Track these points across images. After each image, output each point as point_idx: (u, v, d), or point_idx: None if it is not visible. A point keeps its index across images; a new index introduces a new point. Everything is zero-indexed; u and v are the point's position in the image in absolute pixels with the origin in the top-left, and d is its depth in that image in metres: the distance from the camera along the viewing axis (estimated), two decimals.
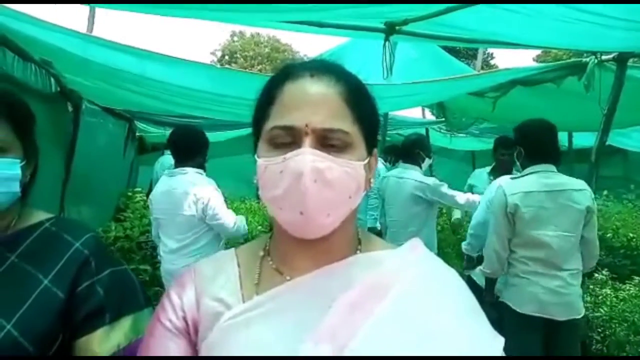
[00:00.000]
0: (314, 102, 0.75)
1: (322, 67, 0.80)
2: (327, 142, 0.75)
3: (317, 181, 0.73)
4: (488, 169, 4.52)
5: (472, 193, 4.29)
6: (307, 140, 0.74)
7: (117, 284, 1.05)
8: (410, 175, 3.88)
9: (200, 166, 3.16)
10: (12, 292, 0.97)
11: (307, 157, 0.73)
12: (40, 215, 1.10)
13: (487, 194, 3.52)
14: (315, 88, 0.77)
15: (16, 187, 1.00)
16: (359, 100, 0.79)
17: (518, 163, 3.02)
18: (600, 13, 2.18)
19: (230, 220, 3.04)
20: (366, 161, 0.80)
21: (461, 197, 3.84)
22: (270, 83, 0.82)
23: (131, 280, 1.11)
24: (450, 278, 0.85)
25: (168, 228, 3.09)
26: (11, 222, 1.05)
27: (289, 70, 0.81)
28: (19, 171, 1.00)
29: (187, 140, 3.17)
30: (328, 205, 0.75)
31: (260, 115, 0.81)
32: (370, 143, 0.82)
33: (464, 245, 3.59)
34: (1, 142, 0.98)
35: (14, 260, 1.00)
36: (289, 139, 0.75)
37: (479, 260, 3.55)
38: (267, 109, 0.79)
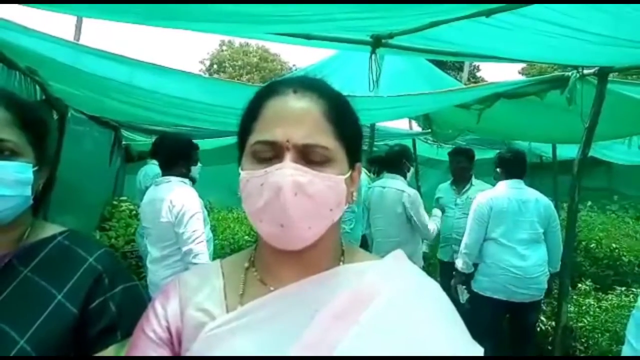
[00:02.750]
0: (295, 118, 0.77)
1: (305, 84, 0.82)
2: (308, 156, 0.77)
3: (298, 194, 0.74)
4: (449, 181, 4.66)
5: (440, 205, 4.40)
6: (288, 155, 0.76)
7: (130, 301, 1.04)
8: (394, 185, 3.92)
9: (185, 175, 3.15)
10: (26, 306, 0.95)
11: (287, 171, 0.75)
12: (53, 229, 1.08)
13: (473, 213, 3.60)
14: (298, 104, 0.79)
15: (28, 191, 0.99)
16: (340, 116, 0.81)
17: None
18: (582, 29, 2.22)
19: (189, 235, 2.85)
20: (347, 175, 0.82)
21: (431, 224, 3.89)
22: (254, 99, 0.84)
23: (142, 296, 1.11)
24: (431, 289, 0.86)
25: (152, 237, 3.09)
26: (24, 235, 1.04)
27: (272, 87, 0.83)
28: (31, 175, 0.99)
29: (168, 150, 3.17)
30: (308, 218, 0.76)
31: (244, 130, 0.83)
32: (353, 157, 0.84)
33: (459, 263, 3.65)
34: (14, 145, 0.97)
35: (27, 274, 0.99)
36: (271, 154, 0.77)
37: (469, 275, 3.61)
38: (251, 123, 0.81)
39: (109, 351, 0.99)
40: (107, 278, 1.02)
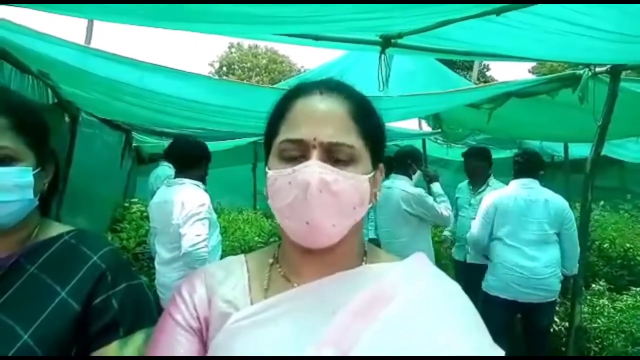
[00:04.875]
0: (322, 118, 0.80)
1: (331, 86, 0.84)
2: (333, 155, 0.79)
3: (323, 192, 0.76)
4: (467, 181, 4.64)
5: (457, 205, 4.38)
6: (315, 153, 0.78)
7: (132, 299, 1.06)
8: (398, 185, 3.90)
9: (199, 178, 3.16)
10: (31, 302, 0.98)
11: (314, 169, 0.76)
12: (60, 228, 1.11)
13: (480, 211, 3.63)
14: (324, 105, 0.81)
15: (30, 195, 1.01)
16: (365, 117, 0.83)
17: None
18: (594, 26, 2.20)
19: (191, 238, 2.85)
20: (371, 175, 0.83)
21: (443, 210, 3.87)
22: (282, 100, 0.86)
23: (146, 295, 1.12)
24: (453, 291, 0.87)
25: (162, 237, 3.10)
26: (31, 234, 1.06)
27: (299, 88, 0.85)
28: (31, 178, 1.00)
29: (185, 152, 3.19)
30: (333, 216, 0.78)
31: (271, 131, 0.85)
32: (376, 157, 0.86)
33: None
34: (11, 151, 0.98)
35: (34, 271, 1.01)
36: (298, 152, 0.79)
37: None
38: (278, 124, 0.83)
39: (112, 347, 1.00)
40: (110, 275, 1.04)
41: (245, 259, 0.93)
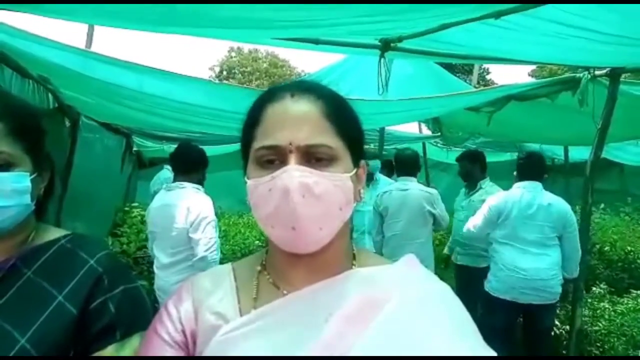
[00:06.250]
0: (296, 121, 0.78)
1: (302, 87, 0.83)
2: (312, 157, 0.77)
3: (305, 196, 0.75)
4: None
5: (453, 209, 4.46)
6: (293, 158, 0.76)
7: (129, 302, 1.06)
8: (415, 186, 3.93)
9: (198, 182, 3.18)
10: (28, 306, 0.98)
11: (293, 173, 0.75)
12: (56, 232, 1.11)
13: (482, 210, 3.64)
14: (296, 107, 0.79)
15: (27, 199, 1.01)
16: (340, 115, 0.82)
17: None
18: (593, 29, 2.20)
19: (206, 242, 2.92)
20: (353, 173, 0.82)
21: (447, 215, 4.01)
22: (254, 106, 0.85)
23: (142, 298, 1.12)
24: (444, 294, 0.86)
25: (162, 241, 3.09)
26: (28, 238, 1.06)
27: (270, 93, 0.84)
28: (28, 183, 1.00)
29: (186, 157, 3.20)
30: (319, 219, 0.77)
31: (246, 138, 0.84)
32: (356, 155, 0.84)
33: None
34: (8, 156, 0.98)
35: (30, 275, 1.01)
36: (275, 158, 0.78)
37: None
38: (253, 131, 0.82)
39: (108, 350, 1.00)
40: (107, 279, 1.04)
41: (232, 267, 0.91)
